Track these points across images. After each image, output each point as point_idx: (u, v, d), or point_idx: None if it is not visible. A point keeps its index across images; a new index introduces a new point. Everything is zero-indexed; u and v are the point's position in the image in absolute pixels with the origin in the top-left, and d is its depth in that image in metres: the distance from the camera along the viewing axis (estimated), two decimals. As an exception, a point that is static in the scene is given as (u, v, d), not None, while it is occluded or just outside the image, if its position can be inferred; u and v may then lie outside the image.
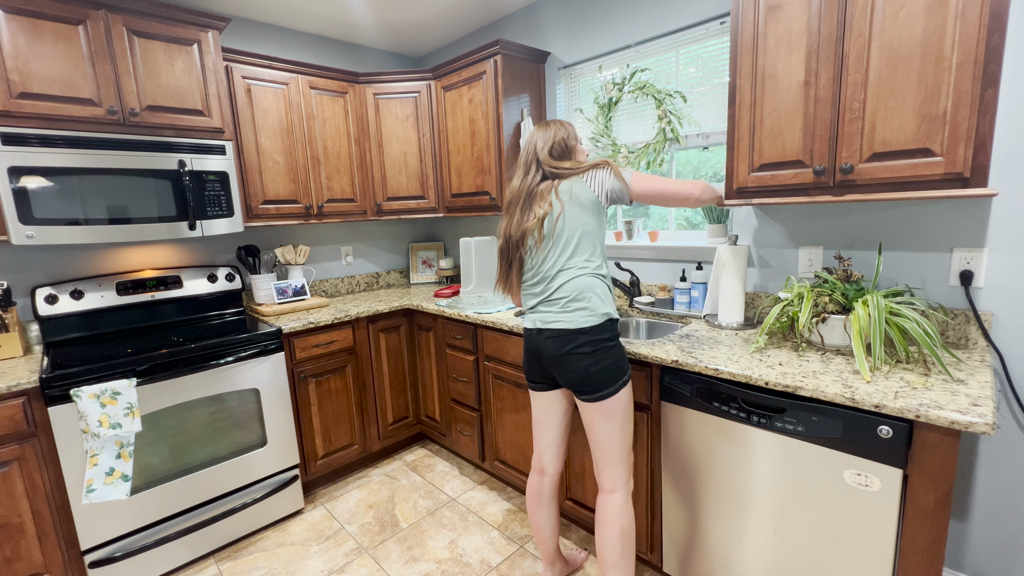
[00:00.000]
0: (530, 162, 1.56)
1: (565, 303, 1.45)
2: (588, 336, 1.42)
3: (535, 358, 1.55)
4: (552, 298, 1.48)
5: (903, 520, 1.16)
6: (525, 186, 1.54)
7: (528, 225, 1.50)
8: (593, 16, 2.34)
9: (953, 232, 1.49)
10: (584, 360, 1.42)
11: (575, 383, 1.46)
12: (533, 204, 1.51)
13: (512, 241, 1.54)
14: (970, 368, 1.30)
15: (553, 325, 1.46)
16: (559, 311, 1.46)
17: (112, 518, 1.78)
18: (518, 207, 1.54)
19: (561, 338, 1.44)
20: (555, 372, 1.50)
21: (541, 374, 1.57)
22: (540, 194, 1.51)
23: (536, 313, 1.52)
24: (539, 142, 1.55)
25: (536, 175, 1.54)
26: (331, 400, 2.43)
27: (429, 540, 2.08)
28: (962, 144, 1.20)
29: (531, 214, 1.50)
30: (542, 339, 1.49)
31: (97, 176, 1.90)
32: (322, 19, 2.66)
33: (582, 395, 1.46)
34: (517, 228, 1.53)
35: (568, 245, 1.47)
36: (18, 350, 1.92)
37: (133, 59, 1.96)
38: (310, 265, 2.97)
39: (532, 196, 1.52)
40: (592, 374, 1.42)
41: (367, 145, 2.80)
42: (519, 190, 1.55)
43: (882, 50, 1.28)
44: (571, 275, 1.46)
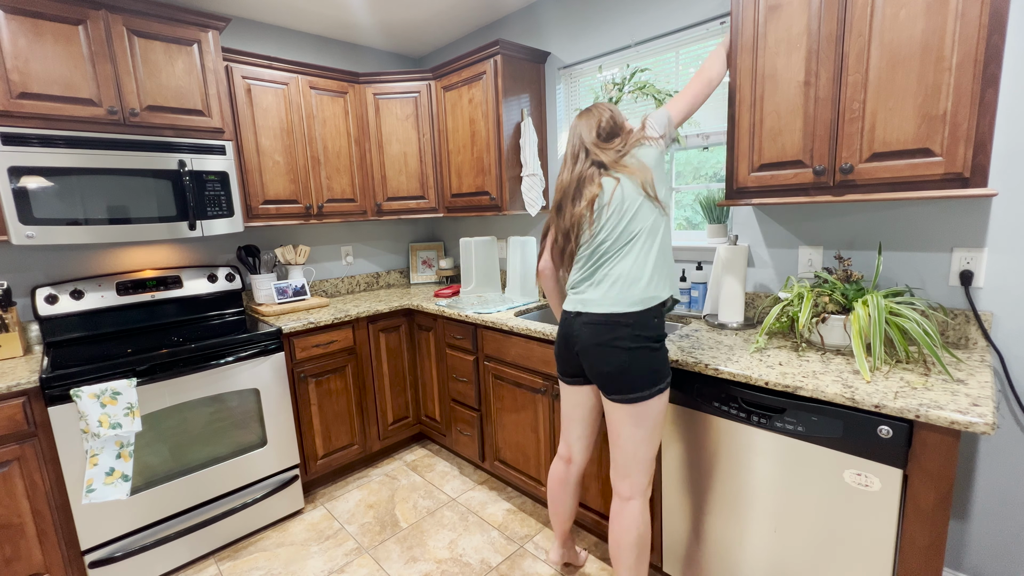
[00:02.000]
0: (578, 151, 1.46)
1: (612, 284, 1.34)
2: (631, 330, 1.31)
3: (567, 345, 1.45)
4: (597, 278, 1.37)
5: (903, 520, 1.16)
6: (575, 176, 1.43)
7: (579, 210, 1.39)
8: (593, 16, 2.34)
9: (953, 232, 1.49)
10: (621, 356, 1.31)
11: (606, 378, 1.35)
12: (583, 189, 1.41)
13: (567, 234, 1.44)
14: (970, 368, 1.30)
15: (593, 308, 1.35)
16: (604, 293, 1.34)
17: (112, 518, 1.78)
18: (569, 200, 1.43)
19: (601, 325, 1.33)
20: (585, 363, 1.40)
21: (572, 365, 1.48)
22: (590, 178, 1.41)
23: (576, 293, 1.42)
24: (583, 130, 1.45)
25: (586, 162, 1.43)
26: (331, 400, 2.43)
27: (429, 540, 2.08)
28: (962, 144, 1.20)
29: (581, 199, 1.40)
30: (579, 323, 1.38)
31: (97, 176, 1.90)
32: (322, 19, 2.66)
33: (612, 394, 1.36)
34: (570, 219, 1.43)
35: (623, 220, 1.35)
36: (18, 350, 1.92)
37: (133, 59, 1.96)
38: (310, 265, 2.97)
39: (582, 182, 1.42)
40: (627, 372, 1.31)
41: (367, 145, 2.80)
42: (568, 182, 1.44)
43: (882, 50, 1.28)
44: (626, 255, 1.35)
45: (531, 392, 2.07)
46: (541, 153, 2.62)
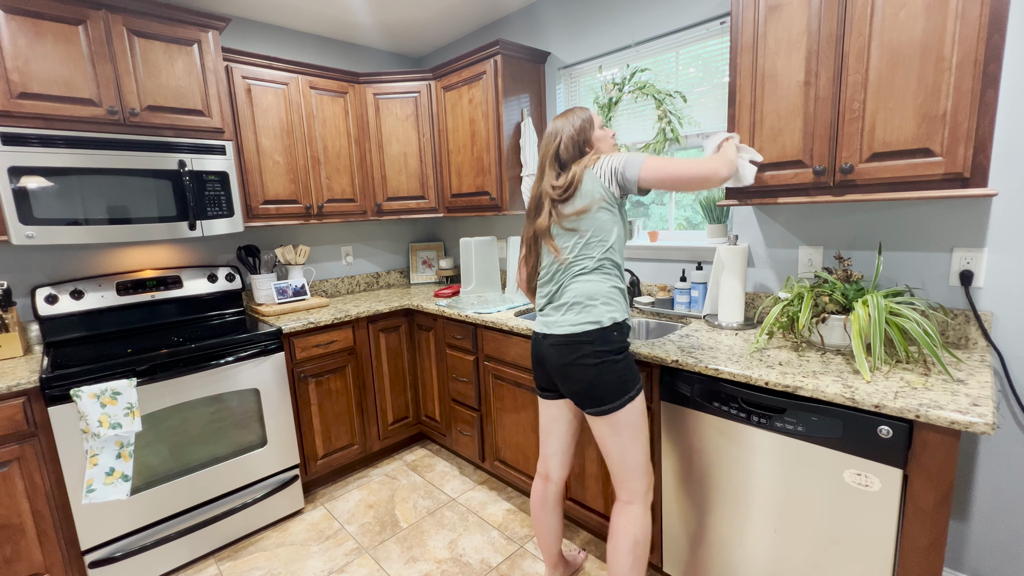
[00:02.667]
0: (544, 165, 1.51)
1: (569, 307, 1.40)
2: (592, 347, 1.35)
3: (539, 364, 1.51)
4: (558, 301, 1.43)
5: (903, 520, 1.16)
6: (539, 190, 1.51)
7: (540, 224, 1.47)
8: (593, 16, 2.34)
9: (953, 232, 1.49)
10: (587, 372, 1.36)
11: (578, 395, 1.40)
12: (541, 211, 1.48)
13: (530, 244, 1.53)
14: (970, 368, 1.30)
15: (557, 330, 1.40)
16: (563, 315, 1.40)
17: (112, 518, 1.78)
18: (534, 210, 1.52)
19: (565, 346, 1.38)
20: (558, 382, 1.45)
21: (547, 381, 1.53)
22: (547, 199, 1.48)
23: (543, 316, 1.48)
24: (551, 143, 1.49)
25: (551, 176, 1.49)
26: (331, 400, 2.43)
27: (429, 540, 2.08)
28: (962, 144, 1.20)
29: (544, 215, 1.47)
30: (546, 345, 1.44)
31: (97, 176, 1.90)
32: (322, 19, 2.66)
33: (586, 408, 1.41)
34: (529, 229, 1.53)
35: (577, 245, 1.41)
36: (18, 350, 1.92)
37: (133, 59, 1.96)
38: (310, 265, 2.97)
39: (541, 203, 1.49)
40: (595, 387, 1.36)
41: (367, 145, 2.80)
42: (534, 194, 1.53)
43: (882, 50, 1.28)
44: (577, 277, 1.41)
45: (531, 392, 2.07)
46: (541, 153, 2.62)
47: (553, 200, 1.45)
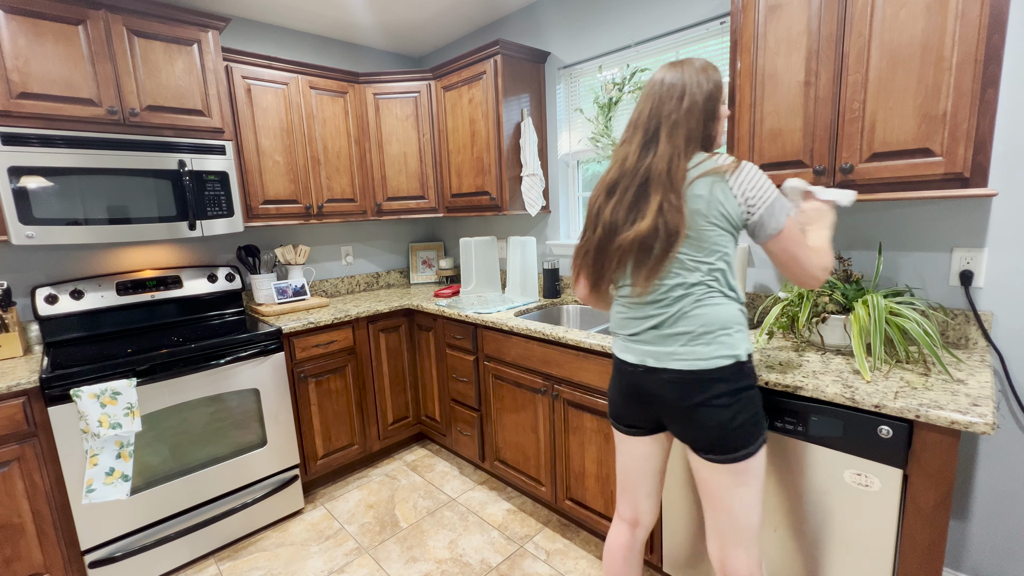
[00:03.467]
0: (653, 128, 1.14)
1: (693, 337, 1.11)
2: (727, 384, 1.10)
3: (637, 400, 1.23)
4: (672, 329, 1.14)
5: (903, 520, 1.16)
6: (643, 165, 1.13)
7: (642, 228, 1.10)
8: (593, 16, 2.34)
9: (953, 232, 1.49)
10: (721, 414, 1.10)
11: (704, 441, 1.13)
12: (650, 197, 1.11)
13: (614, 240, 1.16)
14: (970, 368, 1.30)
15: (674, 364, 1.13)
16: (684, 346, 1.12)
17: (112, 518, 1.78)
18: (629, 193, 1.14)
19: (689, 384, 1.11)
20: (674, 425, 1.18)
21: (642, 418, 1.26)
22: (661, 184, 1.09)
23: (641, 343, 1.19)
24: (673, 101, 1.12)
25: (665, 149, 1.11)
26: (331, 400, 2.43)
27: (429, 540, 2.08)
28: (962, 144, 1.20)
29: (646, 212, 1.11)
30: (654, 381, 1.16)
31: (97, 176, 1.89)
32: (322, 19, 2.66)
33: (711, 455, 1.13)
34: (624, 225, 1.14)
35: (702, 258, 1.11)
36: (18, 350, 1.92)
37: (133, 59, 1.96)
38: (310, 265, 2.97)
39: (649, 184, 1.12)
40: (730, 432, 1.10)
41: (367, 145, 2.80)
42: (633, 168, 1.14)
43: (882, 50, 1.28)
44: (700, 299, 1.12)
45: (531, 392, 2.07)
46: (541, 153, 2.62)
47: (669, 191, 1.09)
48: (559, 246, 2.67)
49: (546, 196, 2.67)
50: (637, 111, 1.18)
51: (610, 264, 1.19)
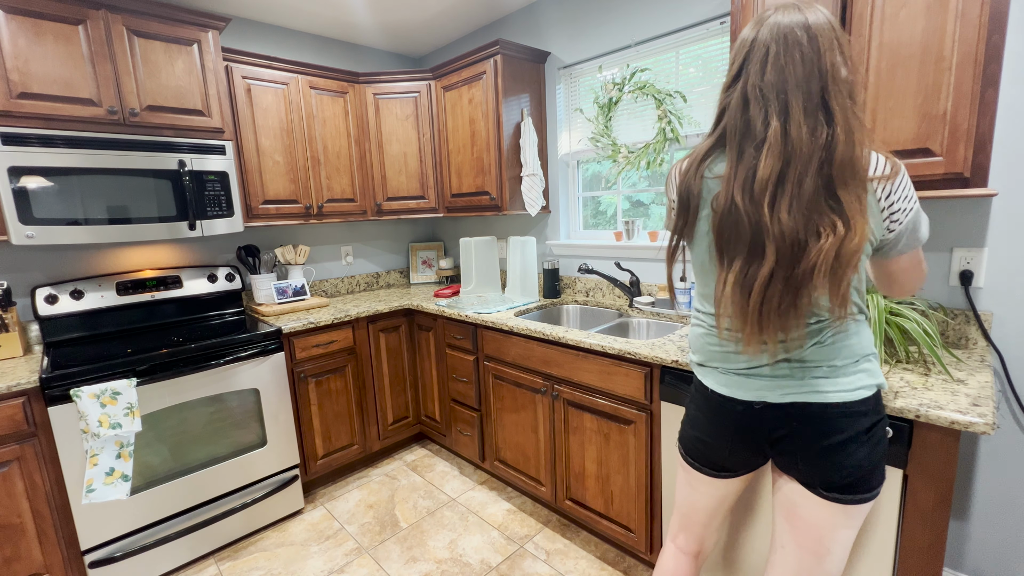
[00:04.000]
0: (818, 90, 0.83)
1: (834, 369, 0.94)
2: (869, 418, 0.94)
3: (744, 441, 1.04)
4: (809, 362, 0.94)
5: (903, 520, 1.16)
6: (818, 144, 0.83)
7: (852, 242, 0.82)
8: (593, 16, 2.34)
9: (953, 232, 1.49)
10: (861, 451, 0.93)
11: (836, 481, 0.95)
12: (839, 193, 0.83)
13: (801, 261, 0.85)
14: (970, 368, 1.30)
15: (810, 398, 0.94)
16: (822, 378, 0.94)
17: (112, 518, 1.78)
18: (805, 187, 0.83)
19: (829, 420, 0.93)
20: (799, 464, 0.98)
21: (743, 462, 1.08)
22: (851, 175, 0.83)
23: (759, 378, 0.99)
24: (831, 45, 0.84)
25: (847, 121, 0.83)
26: (331, 400, 2.43)
27: (429, 540, 2.08)
28: (962, 144, 1.20)
29: (850, 214, 0.83)
30: (777, 418, 0.97)
31: (97, 176, 1.89)
32: (322, 19, 2.66)
33: (841, 495, 0.95)
34: (812, 238, 0.84)
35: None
36: (18, 350, 1.92)
37: (133, 59, 1.96)
38: (310, 265, 2.97)
39: (834, 173, 0.83)
40: (868, 471, 0.95)
41: (367, 145, 2.80)
42: (808, 150, 0.83)
43: (882, 50, 1.28)
44: (846, 322, 0.94)
45: (531, 392, 2.07)
46: (541, 153, 2.62)
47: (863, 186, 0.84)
48: (559, 246, 2.67)
49: (546, 196, 2.67)
50: (774, 69, 0.84)
51: (790, 296, 0.87)
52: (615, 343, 1.71)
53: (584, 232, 2.69)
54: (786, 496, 1.03)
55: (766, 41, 0.86)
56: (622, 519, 1.81)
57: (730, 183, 0.90)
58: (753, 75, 0.87)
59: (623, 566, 1.88)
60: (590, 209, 2.68)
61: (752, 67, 0.87)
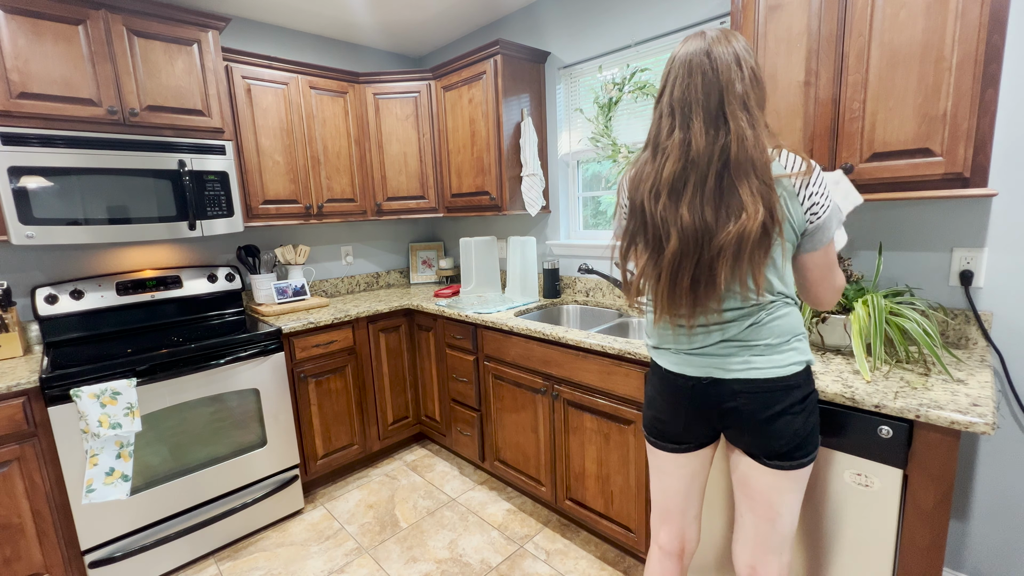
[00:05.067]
0: (716, 103, 0.96)
1: (769, 347, 1.05)
2: (801, 391, 1.06)
3: (695, 414, 1.14)
4: (747, 341, 1.06)
5: (903, 520, 1.16)
6: (716, 148, 0.96)
7: (750, 224, 0.94)
8: (593, 16, 2.34)
9: (953, 232, 1.49)
10: (797, 421, 1.05)
11: (777, 449, 1.06)
12: (737, 186, 0.95)
13: (710, 245, 0.98)
14: (970, 368, 1.30)
15: (750, 374, 1.05)
16: (759, 355, 1.05)
17: (112, 518, 1.78)
18: (708, 185, 0.97)
19: (766, 393, 1.05)
20: (744, 436, 1.10)
21: (696, 432, 1.17)
22: (746, 169, 0.95)
23: (704, 355, 1.10)
24: (731, 62, 0.96)
25: (740, 127, 0.95)
26: (331, 400, 2.43)
27: (429, 540, 2.08)
28: (962, 144, 1.20)
29: (745, 203, 0.95)
30: (723, 392, 1.08)
31: (97, 176, 1.89)
32: (322, 19, 2.66)
33: (780, 461, 1.07)
34: (719, 225, 0.97)
35: (774, 263, 1.03)
36: (18, 350, 1.92)
37: (133, 59, 1.96)
38: (310, 265, 2.97)
39: (730, 170, 0.96)
40: (804, 438, 1.06)
41: (367, 145, 2.80)
42: (706, 154, 0.96)
43: (882, 50, 1.28)
44: (777, 308, 1.06)
45: (531, 392, 2.07)
46: (541, 153, 2.62)
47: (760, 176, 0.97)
48: (559, 246, 2.67)
49: (546, 196, 2.67)
50: (680, 88, 0.99)
51: (703, 276, 1.00)
52: (615, 343, 1.71)
53: (584, 232, 2.68)
54: (739, 470, 1.15)
55: (677, 67, 1.02)
56: (622, 519, 1.81)
57: (643, 184, 1.06)
58: (667, 94, 1.03)
59: (623, 566, 1.88)
60: (590, 209, 2.68)
61: (666, 91, 1.03)
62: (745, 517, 1.16)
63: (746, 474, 1.13)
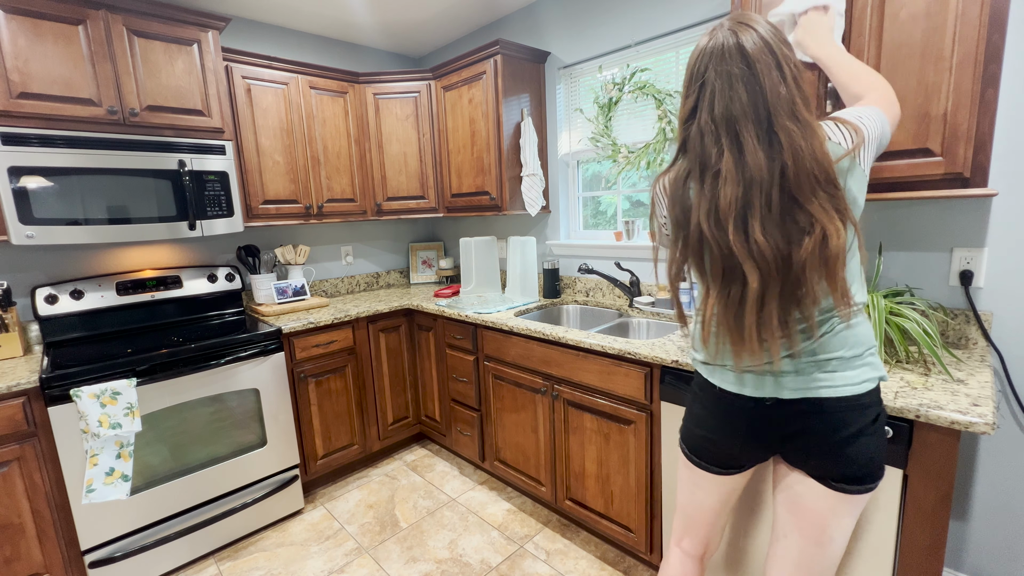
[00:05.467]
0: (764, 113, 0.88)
1: (843, 361, 0.95)
2: (875, 409, 0.97)
3: (754, 437, 1.04)
4: (819, 356, 0.96)
5: (903, 520, 1.16)
6: (775, 165, 0.87)
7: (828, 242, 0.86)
8: (593, 16, 2.34)
9: (953, 232, 1.49)
10: (871, 443, 0.97)
11: (849, 473, 0.97)
12: (804, 202, 0.87)
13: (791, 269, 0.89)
14: (970, 368, 1.30)
15: (822, 393, 0.95)
16: (831, 372, 0.96)
17: (112, 518, 1.78)
18: (774, 207, 0.88)
19: (840, 413, 0.95)
20: (812, 459, 1.00)
21: (750, 456, 1.09)
22: (811, 180, 0.86)
23: (767, 374, 0.99)
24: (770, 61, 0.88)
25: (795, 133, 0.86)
26: (331, 400, 2.43)
27: (429, 540, 2.08)
28: (962, 144, 1.20)
29: (817, 217, 0.86)
30: (789, 414, 0.98)
31: (97, 176, 1.89)
32: (322, 19, 2.66)
33: (848, 484, 0.98)
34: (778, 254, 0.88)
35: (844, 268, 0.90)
36: (18, 350, 1.92)
37: (133, 59, 1.96)
38: (310, 265, 2.97)
39: (792, 186, 0.87)
40: (876, 461, 0.98)
41: (367, 145, 2.80)
42: (765, 174, 0.87)
43: (882, 50, 1.28)
44: (848, 317, 0.95)
45: (531, 392, 2.07)
46: (541, 153, 2.62)
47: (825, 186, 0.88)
48: (559, 246, 2.67)
49: (546, 196, 2.67)
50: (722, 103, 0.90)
51: (795, 300, 0.91)
52: (615, 343, 1.71)
53: (584, 232, 2.69)
54: (790, 487, 1.05)
55: (712, 79, 0.91)
56: (622, 519, 1.81)
57: (696, 212, 0.96)
58: (705, 111, 0.93)
59: (623, 566, 1.88)
60: (590, 209, 2.68)
61: (703, 103, 0.93)
62: (790, 538, 1.06)
63: (801, 494, 1.03)
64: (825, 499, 1.01)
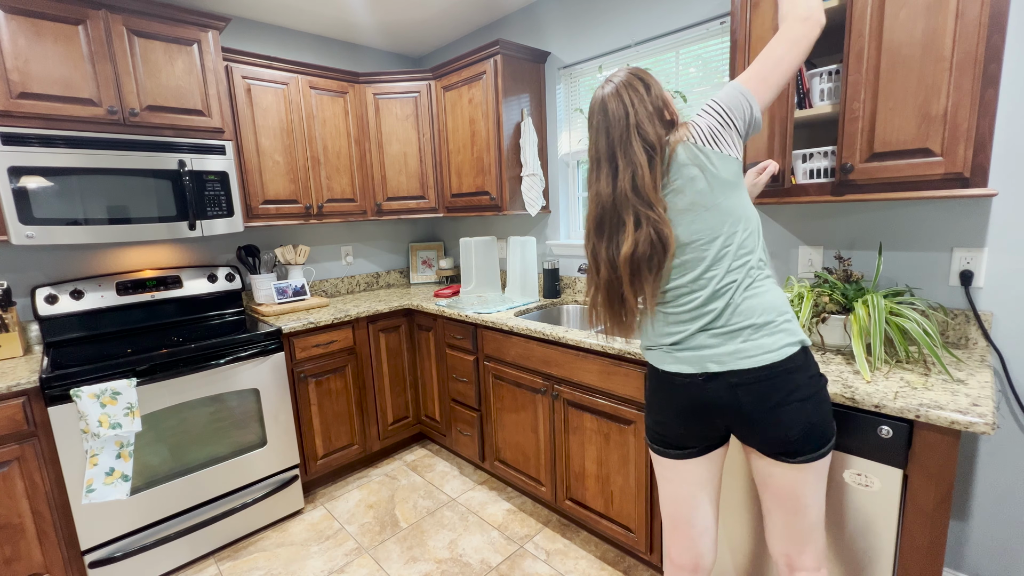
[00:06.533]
0: (608, 156, 1.09)
1: (756, 328, 1.02)
2: (805, 373, 1.02)
3: (696, 415, 1.10)
4: (728, 325, 1.03)
5: (903, 520, 1.16)
6: (621, 189, 1.06)
7: (627, 249, 1.05)
8: (593, 16, 2.33)
9: (953, 232, 1.49)
10: (805, 408, 1.01)
11: (789, 444, 1.02)
12: (624, 218, 1.07)
13: (620, 273, 1.08)
14: (970, 368, 1.30)
15: (743, 363, 1.01)
16: (747, 341, 1.02)
17: (112, 518, 1.78)
18: (612, 224, 1.09)
19: (764, 383, 1.01)
20: (750, 434, 1.06)
21: (700, 435, 1.13)
22: (631, 202, 1.06)
23: (692, 349, 1.07)
24: (629, 111, 1.06)
25: (625, 169, 1.05)
26: (331, 400, 2.43)
27: (429, 540, 2.08)
28: (962, 144, 1.20)
29: (628, 232, 1.06)
30: (720, 388, 1.04)
31: (97, 176, 1.89)
32: (322, 19, 2.66)
33: (797, 457, 1.03)
34: (625, 257, 1.06)
35: (729, 244, 1.03)
36: (18, 350, 1.92)
37: (133, 59, 1.96)
38: (310, 265, 2.97)
39: (619, 208, 1.08)
40: (815, 425, 1.01)
41: (367, 145, 2.80)
42: (610, 200, 1.08)
43: (882, 50, 1.28)
44: (748, 286, 1.04)
45: (531, 392, 2.07)
46: (541, 153, 2.62)
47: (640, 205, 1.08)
48: (559, 246, 2.67)
49: (546, 196, 2.67)
50: (592, 145, 1.14)
51: (625, 288, 1.10)
52: (615, 343, 1.71)
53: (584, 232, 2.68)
54: (760, 470, 1.12)
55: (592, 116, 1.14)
56: (622, 519, 1.81)
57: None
58: (591, 141, 1.14)
59: (623, 566, 1.88)
60: (590, 209, 2.68)
61: (590, 136, 1.15)
62: (773, 513, 1.13)
63: (769, 474, 1.09)
64: (786, 474, 1.06)
